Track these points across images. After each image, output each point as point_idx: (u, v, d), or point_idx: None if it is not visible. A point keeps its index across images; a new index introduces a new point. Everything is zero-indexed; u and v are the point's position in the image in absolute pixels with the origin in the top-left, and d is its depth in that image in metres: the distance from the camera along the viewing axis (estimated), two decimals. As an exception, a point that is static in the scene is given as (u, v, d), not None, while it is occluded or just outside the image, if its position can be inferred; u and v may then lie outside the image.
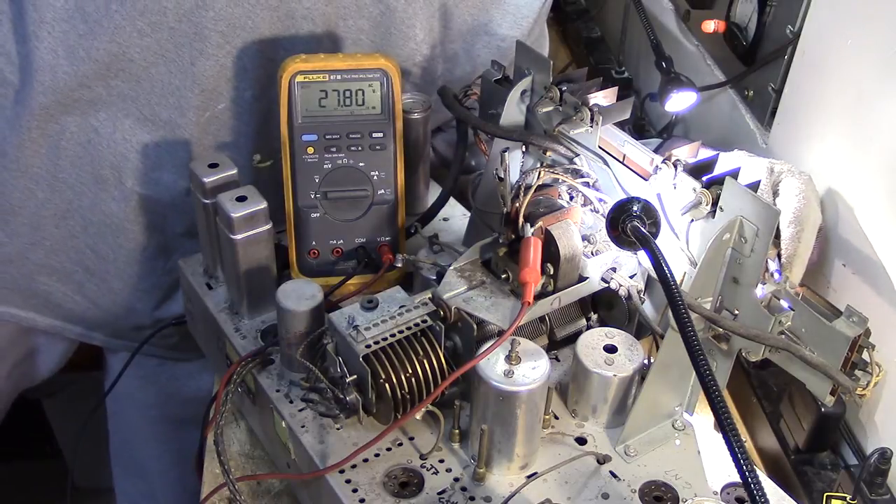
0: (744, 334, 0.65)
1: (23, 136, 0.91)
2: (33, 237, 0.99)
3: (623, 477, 0.72)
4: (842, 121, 0.85)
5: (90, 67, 0.87)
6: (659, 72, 1.07)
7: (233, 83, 0.93)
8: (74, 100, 0.90)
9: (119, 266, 1.03)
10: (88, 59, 0.87)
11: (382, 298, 0.75)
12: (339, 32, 0.94)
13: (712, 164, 0.70)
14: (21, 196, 0.95)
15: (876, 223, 0.80)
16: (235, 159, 0.87)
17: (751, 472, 0.54)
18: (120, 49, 0.87)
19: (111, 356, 1.23)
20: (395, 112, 0.85)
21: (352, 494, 0.70)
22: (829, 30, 0.86)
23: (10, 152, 0.92)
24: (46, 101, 0.89)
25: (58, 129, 0.92)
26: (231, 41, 0.90)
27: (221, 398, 0.76)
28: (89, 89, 0.89)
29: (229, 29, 0.89)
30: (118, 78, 0.89)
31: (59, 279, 1.03)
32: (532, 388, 0.67)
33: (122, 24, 0.86)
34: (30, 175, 0.94)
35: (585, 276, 0.77)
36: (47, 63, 0.86)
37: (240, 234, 0.81)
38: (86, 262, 1.02)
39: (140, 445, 1.30)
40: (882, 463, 0.73)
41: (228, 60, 0.91)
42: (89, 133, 0.93)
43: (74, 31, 0.85)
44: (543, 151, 0.79)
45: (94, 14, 0.85)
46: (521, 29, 1.04)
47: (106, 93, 0.90)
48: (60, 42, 0.85)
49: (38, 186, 0.95)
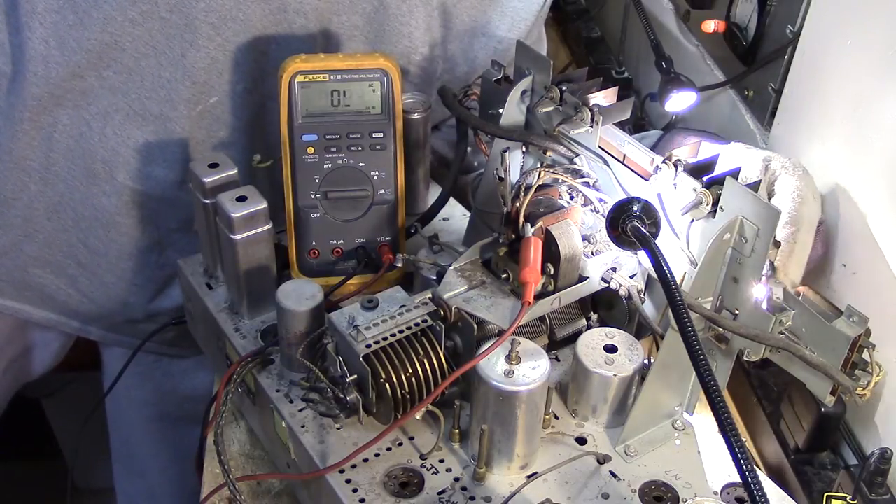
0: (744, 334, 0.65)
1: (16, 128, 0.91)
2: (26, 229, 0.99)
3: (623, 477, 0.72)
4: (842, 120, 0.85)
5: (82, 57, 0.87)
6: (659, 72, 1.07)
7: (224, 76, 0.93)
8: (67, 91, 0.90)
9: (111, 260, 1.03)
10: (80, 49, 0.87)
11: (382, 298, 0.75)
12: (333, 28, 0.94)
13: (712, 164, 0.70)
14: (14, 188, 0.95)
15: (876, 223, 0.80)
16: (229, 154, 0.87)
17: (751, 472, 0.54)
18: (111, 39, 0.87)
19: (107, 353, 1.23)
20: (396, 112, 0.85)
21: (352, 494, 0.70)
22: (829, 30, 0.86)
23: (4, 143, 0.92)
24: (39, 91, 0.89)
25: (50, 121, 0.92)
26: (222, 33, 0.89)
27: (221, 398, 0.76)
28: (82, 79, 0.89)
29: (220, 21, 0.88)
30: (110, 69, 0.89)
31: (52, 272, 1.03)
32: (532, 388, 0.67)
33: (113, 15, 0.86)
34: (23, 167, 0.94)
35: (585, 276, 0.77)
36: (39, 54, 0.86)
37: (240, 234, 0.81)
38: (77, 256, 1.02)
39: (139, 444, 1.30)
40: (882, 463, 0.73)
41: (220, 53, 0.90)
42: (81, 126, 0.93)
43: (65, 21, 0.85)
44: (543, 151, 0.79)
45: (84, 4, 0.85)
46: (519, 31, 1.05)
47: (98, 84, 0.90)
48: (52, 33, 0.86)
49: (30, 179, 0.95)
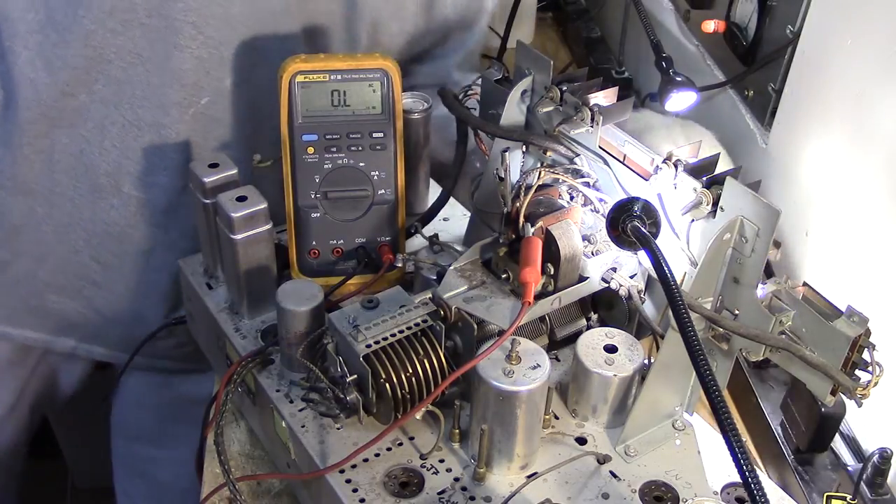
0: (744, 334, 0.65)
1: (16, 154, 0.91)
2: (38, 254, 0.98)
3: (623, 477, 0.72)
4: (842, 121, 0.85)
5: (70, 75, 0.87)
6: (659, 72, 1.07)
7: (212, 74, 0.92)
8: (60, 110, 0.89)
9: (126, 274, 1.02)
10: (66, 67, 0.86)
11: (382, 298, 0.75)
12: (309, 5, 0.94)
13: (713, 164, 0.70)
14: (21, 214, 0.95)
15: (876, 223, 0.80)
16: (228, 153, 0.87)
17: (751, 472, 0.54)
18: (95, 52, 0.87)
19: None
20: (396, 112, 0.85)
21: (352, 494, 0.70)
22: (829, 30, 0.86)
23: (6, 170, 0.92)
24: (32, 115, 0.89)
25: (48, 143, 0.91)
26: (204, 31, 0.89)
27: (221, 398, 0.76)
28: (73, 97, 0.89)
29: (200, 19, 0.88)
30: (98, 83, 0.89)
31: (68, 296, 1.02)
32: (532, 388, 0.67)
33: (93, 28, 0.85)
34: (27, 191, 0.94)
35: (585, 276, 0.77)
36: (27, 77, 0.86)
37: (240, 234, 0.81)
38: (92, 276, 1.01)
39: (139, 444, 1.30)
40: (882, 463, 0.73)
41: (204, 51, 0.90)
42: (80, 144, 0.93)
43: (48, 41, 0.85)
44: (544, 151, 0.79)
45: (64, 21, 0.84)
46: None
47: (89, 100, 0.90)
48: (37, 54, 0.85)
49: (36, 202, 0.95)
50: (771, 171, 0.94)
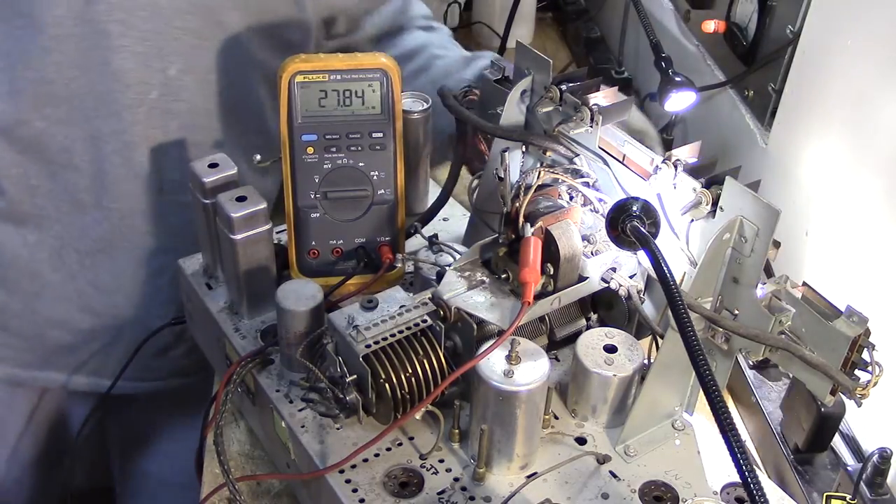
0: (743, 334, 0.65)
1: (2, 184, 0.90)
2: (34, 287, 0.98)
3: (623, 477, 0.72)
4: (842, 121, 0.85)
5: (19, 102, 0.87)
6: (659, 72, 1.07)
7: (154, 67, 0.91)
8: (21, 138, 0.89)
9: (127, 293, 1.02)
10: (13, 93, 0.86)
11: (382, 298, 0.75)
12: None
13: (713, 164, 0.70)
14: (13, 246, 0.95)
15: (876, 222, 0.80)
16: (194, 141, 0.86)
17: (751, 472, 0.54)
18: (37, 74, 0.87)
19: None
20: (395, 112, 0.85)
21: (352, 494, 0.70)
22: (829, 30, 0.86)
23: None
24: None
25: (22, 171, 0.91)
26: (134, 26, 0.88)
27: (221, 398, 0.76)
28: (28, 124, 0.89)
29: (127, 15, 0.87)
30: (48, 105, 0.89)
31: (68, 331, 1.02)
32: (532, 388, 0.67)
33: (29, 48, 0.85)
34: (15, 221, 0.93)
35: (585, 276, 0.77)
36: None
37: (240, 234, 0.81)
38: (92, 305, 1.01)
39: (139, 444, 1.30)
40: (882, 463, 0.73)
41: (140, 46, 0.89)
42: (50, 166, 0.92)
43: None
44: (543, 151, 0.79)
45: (4, 46, 0.84)
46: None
47: (45, 123, 0.90)
48: None
49: (27, 230, 0.95)
50: (771, 171, 0.94)
